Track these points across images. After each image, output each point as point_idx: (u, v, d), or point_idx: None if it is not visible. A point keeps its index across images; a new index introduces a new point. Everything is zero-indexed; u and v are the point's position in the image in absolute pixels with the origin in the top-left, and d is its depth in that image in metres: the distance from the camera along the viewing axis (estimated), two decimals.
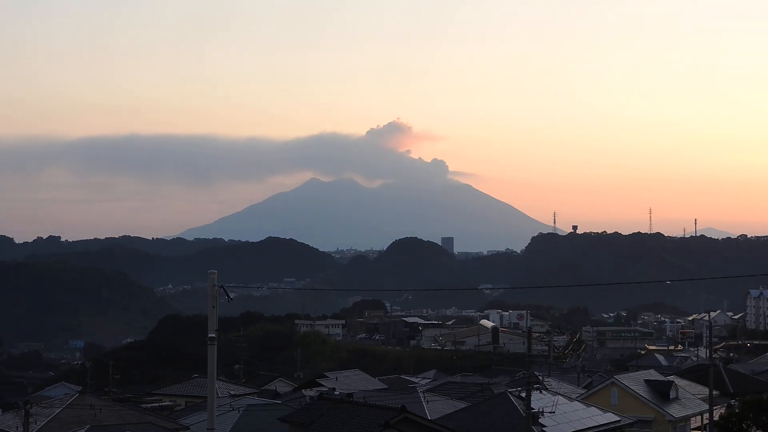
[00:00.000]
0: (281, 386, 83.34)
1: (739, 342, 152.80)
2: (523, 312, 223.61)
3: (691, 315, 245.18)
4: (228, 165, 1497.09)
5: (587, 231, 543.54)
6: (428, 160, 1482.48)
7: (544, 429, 46.89)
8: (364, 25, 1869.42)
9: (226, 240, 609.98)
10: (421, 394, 56.28)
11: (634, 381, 65.40)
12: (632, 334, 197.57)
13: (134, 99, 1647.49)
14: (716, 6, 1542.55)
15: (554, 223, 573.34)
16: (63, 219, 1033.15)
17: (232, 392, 68.08)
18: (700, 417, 64.42)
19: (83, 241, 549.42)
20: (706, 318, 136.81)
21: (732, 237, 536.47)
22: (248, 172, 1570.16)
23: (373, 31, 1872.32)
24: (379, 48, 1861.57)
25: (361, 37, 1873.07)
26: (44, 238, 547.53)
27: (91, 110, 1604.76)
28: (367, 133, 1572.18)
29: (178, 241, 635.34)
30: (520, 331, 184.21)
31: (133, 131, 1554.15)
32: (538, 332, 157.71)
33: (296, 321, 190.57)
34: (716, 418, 56.86)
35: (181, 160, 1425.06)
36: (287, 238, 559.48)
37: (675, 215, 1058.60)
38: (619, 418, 54.42)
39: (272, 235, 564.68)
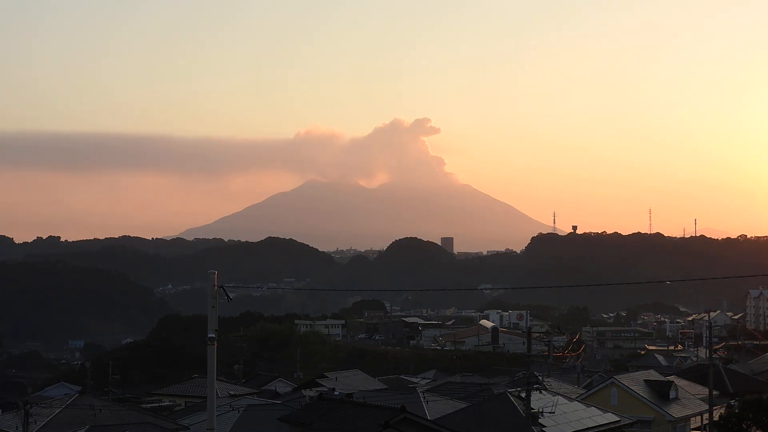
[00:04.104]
0: (281, 386, 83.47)
1: (739, 342, 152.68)
2: (523, 312, 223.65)
3: (691, 315, 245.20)
4: (228, 165, 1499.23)
5: (587, 231, 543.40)
6: (428, 160, 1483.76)
7: (543, 429, 46.92)
8: (365, 23, 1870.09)
9: (226, 240, 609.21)
10: (420, 394, 56.34)
11: (634, 381, 65.51)
12: (632, 334, 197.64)
13: (134, 98, 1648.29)
14: (715, 8, 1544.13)
15: (554, 223, 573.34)
16: (63, 219, 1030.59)
17: (231, 392, 68.20)
18: (699, 417, 64.50)
19: (83, 241, 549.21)
20: (706, 318, 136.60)
21: (732, 237, 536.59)
22: (248, 172, 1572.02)
23: (374, 30, 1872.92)
24: (380, 47, 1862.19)
25: (362, 36, 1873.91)
26: (44, 238, 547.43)
27: (89, 109, 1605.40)
28: (368, 132, 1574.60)
29: (178, 241, 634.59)
30: (520, 331, 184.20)
31: (132, 131, 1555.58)
32: (538, 332, 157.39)
33: (296, 321, 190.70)
34: (716, 418, 56.92)
35: (181, 160, 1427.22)
36: (287, 238, 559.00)
37: (675, 215, 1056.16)
38: (618, 418, 54.44)
39: (272, 235, 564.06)
